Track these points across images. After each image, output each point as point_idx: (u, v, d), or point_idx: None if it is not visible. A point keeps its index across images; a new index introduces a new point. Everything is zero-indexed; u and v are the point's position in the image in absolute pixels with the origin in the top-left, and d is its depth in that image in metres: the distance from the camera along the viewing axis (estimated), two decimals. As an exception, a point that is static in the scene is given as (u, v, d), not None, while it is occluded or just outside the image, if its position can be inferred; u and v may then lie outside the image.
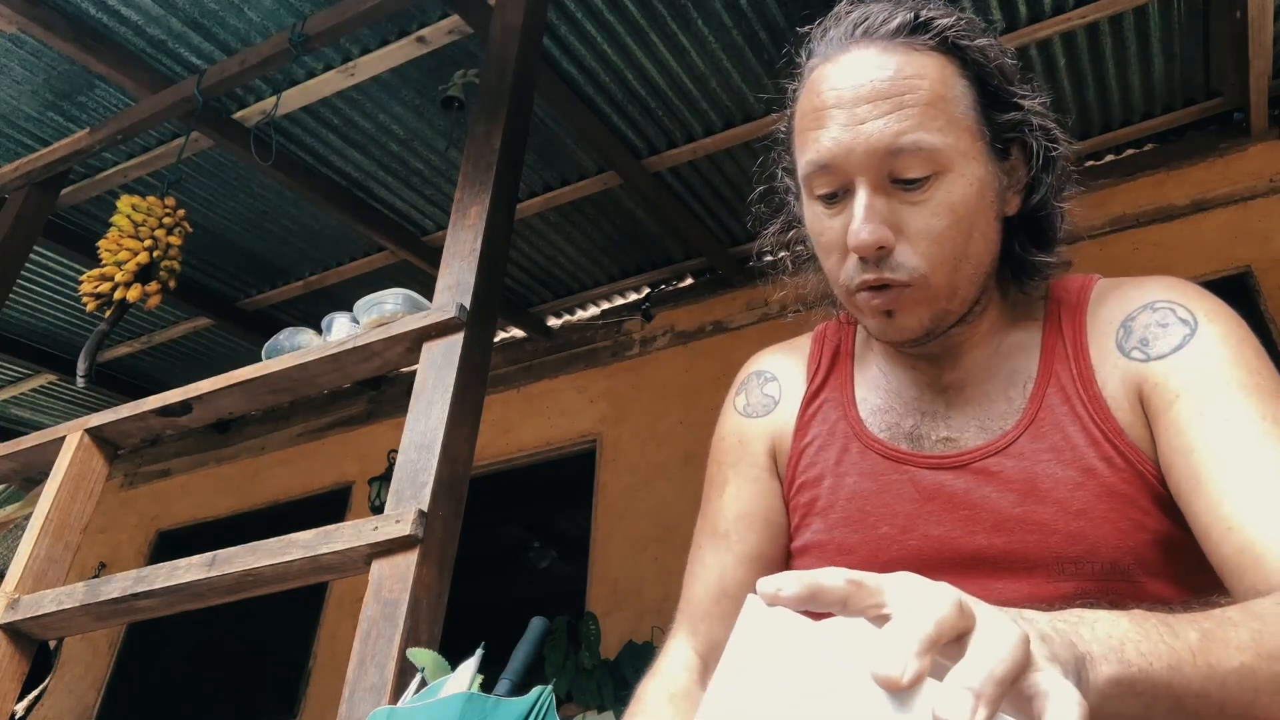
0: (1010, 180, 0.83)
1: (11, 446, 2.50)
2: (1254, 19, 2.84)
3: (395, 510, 1.71)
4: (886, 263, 0.77)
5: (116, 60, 2.97)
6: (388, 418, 4.83)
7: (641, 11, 2.93)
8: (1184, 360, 0.76)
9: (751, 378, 1.00)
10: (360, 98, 3.27)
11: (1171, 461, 0.74)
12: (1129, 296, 0.83)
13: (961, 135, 0.77)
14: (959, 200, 0.77)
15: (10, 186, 3.39)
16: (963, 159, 0.77)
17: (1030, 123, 0.82)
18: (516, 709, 1.20)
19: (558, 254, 4.17)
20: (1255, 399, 0.72)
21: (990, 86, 0.80)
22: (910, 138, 0.75)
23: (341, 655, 3.63)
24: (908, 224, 0.76)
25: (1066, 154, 0.85)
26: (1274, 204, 3.31)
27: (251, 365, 2.20)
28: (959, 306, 0.81)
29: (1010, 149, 0.82)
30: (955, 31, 0.79)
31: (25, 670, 2.09)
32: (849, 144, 0.76)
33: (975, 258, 0.80)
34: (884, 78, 0.76)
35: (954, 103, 0.77)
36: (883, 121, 0.75)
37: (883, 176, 0.76)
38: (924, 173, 0.75)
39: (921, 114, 0.75)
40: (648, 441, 3.94)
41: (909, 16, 0.78)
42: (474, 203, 2.17)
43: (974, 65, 0.79)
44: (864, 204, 0.76)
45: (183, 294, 3.92)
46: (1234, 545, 0.67)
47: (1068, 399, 0.81)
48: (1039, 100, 0.83)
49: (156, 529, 5.35)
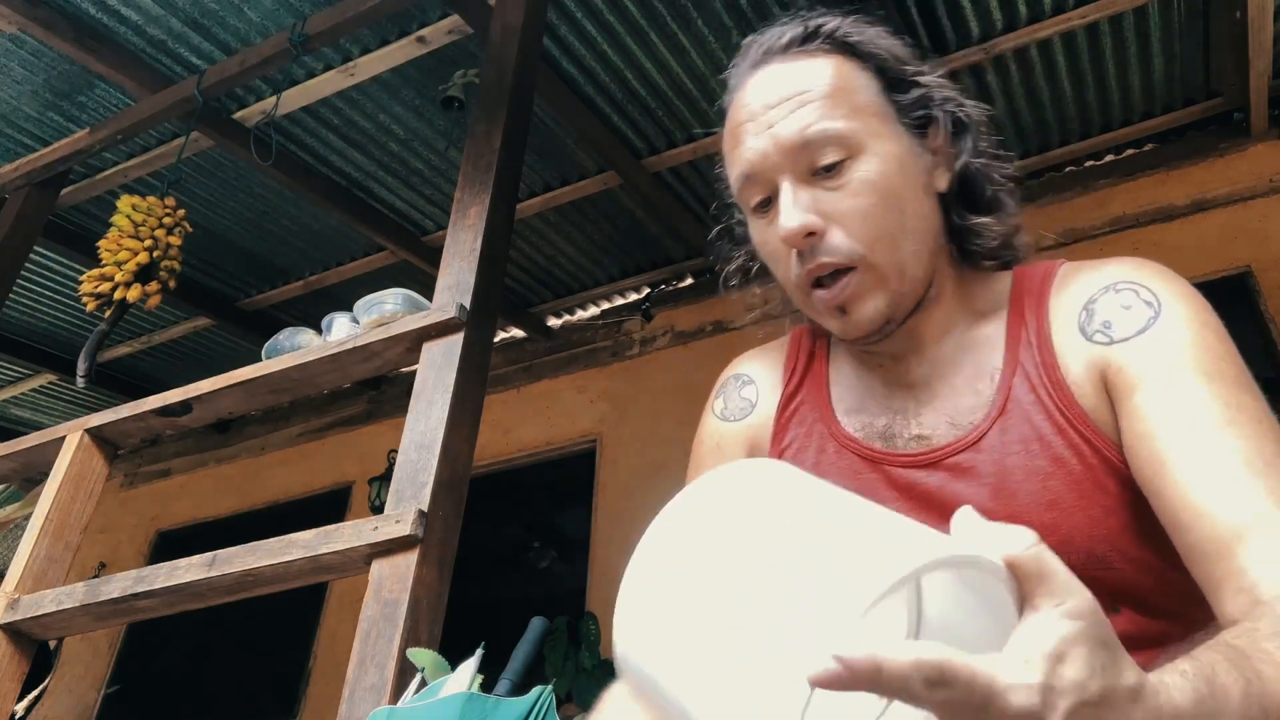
0: (937, 158, 0.85)
1: (11, 446, 2.50)
2: (1254, 19, 2.84)
3: (395, 510, 1.71)
4: (822, 247, 0.80)
5: (116, 60, 2.97)
6: (388, 418, 4.83)
7: (641, 11, 2.93)
8: (1147, 344, 0.76)
9: (729, 381, 1.01)
10: (360, 98, 3.27)
11: (1135, 447, 0.73)
12: (1090, 278, 0.83)
13: (868, 119, 0.81)
14: (878, 176, 0.80)
15: (10, 186, 3.39)
16: (874, 139, 0.80)
17: (933, 96, 0.85)
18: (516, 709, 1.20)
19: (558, 254, 4.17)
20: (1219, 385, 0.72)
21: (888, 71, 0.84)
22: (816, 127, 0.79)
23: (341, 655, 3.63)
24: (835, 208, 0.79)
25: (976, 115, 0.88)
26: (1274, 204, 3.31)
27: (251, 365, 2.21)
28: (910, 287, 0.82)
29: (927, 128, 0.85)
30: (843, 31, 0.85)
31: (25, 670, 2.09)
32: (764, 149, 0.81)
33: (914, 234, 0.81)
34: (785, 84, 0.82)
35: (855, 91, 0.82)
36: (789, 120, 0.80)
37: (802, 170, 0.80)
38: (838, 157, 0.79)
39: (823, 105, 0.80)
40: (648, 441, 3.94)
41: (799, 30, 0.85)
42: (474, 203, 2.17)
43: (869, 56, 0.84)
44: (788, 197, 0.80)
45: (183, 294, 3.92)
46: (1202, 534, 0.67)
47: (1033, 388, 0.80)
48: (937, 75, 0.88)
49: (156, 529, 5.35)
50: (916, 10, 2.97)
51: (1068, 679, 0.41)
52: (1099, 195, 3.61)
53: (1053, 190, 3.68)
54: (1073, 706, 0.40)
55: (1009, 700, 0.39)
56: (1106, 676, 0.42)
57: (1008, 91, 3.32)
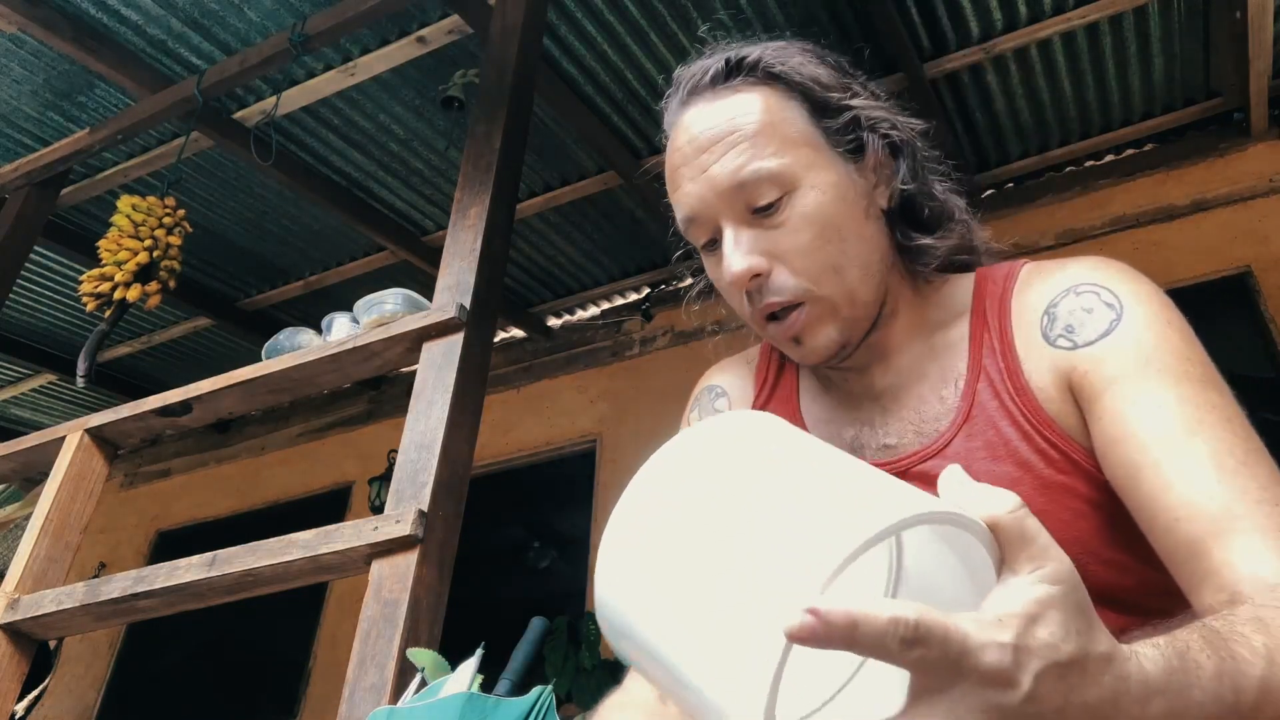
0: (877, 177, 0.85)
1: (11, 446, 2.50)
2: (1254, 19, 2.84)
3: (395, 510, 1.71)
4: (768, 287, 0.80)
5: (116, 60, 2.97)
6: (388, 418, 4.83)
7: (641, 11, 2.93)
8: (1111, 347, 0.75)
9: (704, 393, 1.02)
10: (360, 98, 3.27)
11: (1106, 451, 0.73)
12: (1052, 280, 0.82)
13: (800, 151, 0.80)
14: (814, 210, 0.79)
15: (10, 186, 3.39)
16: (808, 171, 0.80)
17: (862, 119, 0.84)
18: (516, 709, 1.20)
19: (558, 254, 4.17)
20: (1186, 385, 0.72)
21: (815, 99, 0.83)
22: (749, 169, 0.78)
23: (341, 655, 3.63)
24: (776, 247, 0.79)
25: (909, 134, 0.86)
26: (1274, 204, 3.31)
27: (251, 365, 2.20)
28: (863, 312, 0.82)
29: (863, 150, 0.84)
30: (765, 62, 0.83)
31: (25, 670, 2.09)
32: (700, 194, 0.81)
33: (858, 260, 0.81)
34: (713, 124, 0.81)
35: (784, 124, 0.81)
36: (721, 163, 0.79)
37: (741, 211, 0.80)
38: (774, 196, 0.79)
39: (753, 144, 0.79)
40: (648, 441, 3.88)
41: (721, 65, 0.84)
42: (474, 203, 2.17)
43: (795, 85, 0.83)
44: (730, 241, 0.80)
45: (183, 294, 3.92)
46: (1179, 535, 0.67)
47: (997, 394, 0.80)
48: (865, 96, 0.86)
49: (156, 529, 5.35)
50: (916, 10, 2.97)
51: (1040, 640, 0.41)
52: (1099, 195, 3.61)
53: (1053, 190, 3.68)
54: (1043, 668, 0.41)
55: (981, 658, 0.39)
56: (1080, 641, 0.42)
57: (1008, 91, 3.32)
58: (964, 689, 0.40)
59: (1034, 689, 0.40)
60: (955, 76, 3.24)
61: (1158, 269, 3.22)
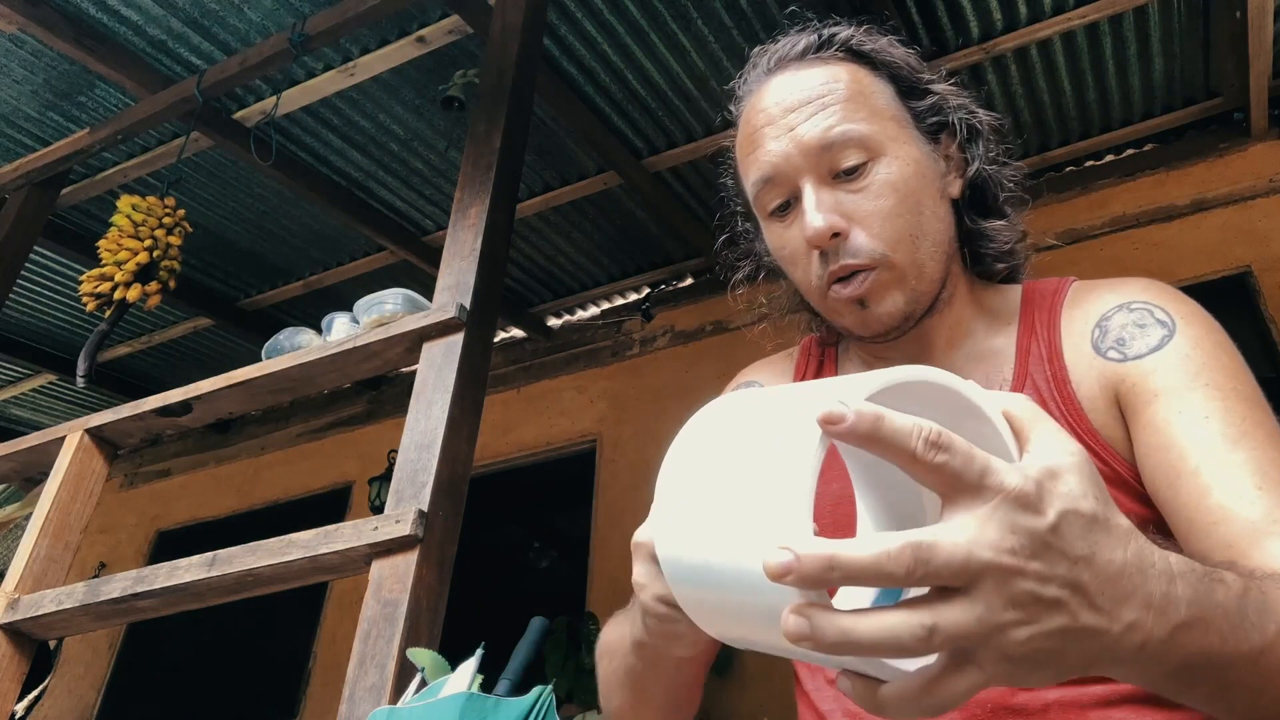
0: (949, 165, 0.87)
1: (11, 446, 2.50)
2: (1254, 19, 2.84)
3: (395, 510, 1.71)
4: (845, 249, 0.81)
5: (116, 60, 2.97)
6: (388, 418, 4.83)
7: (641, 11, 2.93)
8: (1162, 361, 0.77)
9: (740, 389, 1.02)
10: (360, 98, 3.27)
11: (1148, 458, 0.74)
12: (1104, 297, 0.84)
13: (887, 123, 0.83)
14: (899, 179, 0.81)
15: (10, 186, 3.39)
16: (893, 143, 0.82)
17: (947, 102, 0.88)
18: (516, 709, 1.20)
19: (558, 254, 4.17)
20: (1233, 401, 0.73)
21: (902, 79, 0.87)
22: (839, 129, 0.80)
23: (341, 655, 3.63)
24: (857, 210, 0.81)
25: (988, 122, 0.90)
26: (1274, 204, 3.31)
27: (251, 365, 2.20)
28: (928, 286, 0.83)
29: (940, 135, 0.87)
30: (857, 40, 0.87)
31: (25, 670, 2.09)
32: (785, 151, 0.82)
33: (931, 235, 0.83)
34: (804, 88, 0.83)
35: (873, 96, 0.84)
36: (811, 122, 0.81)
37: (824, 172, 0.81)
38: (860, 159, 0.81)
39: (844, 108, 0.81)
40: (648, 441, 3.94)
41: (813, 38, 0.87)
42: (474, 203, 2.17)
43: (883, 64, 0.86)
44: (812, 199, 0.81)
45: (183, 294, 3.93)
46: (1218, 540, 0.67)
47: (1043, 401, 0.81)
48: (949, 82, 0.90)
49: (156, 529, 5.35)
50: (916, 10, 2.97)
51: (1061, 489, 0.42)
52: (1099, 195, 3.61)
53: (1053, 190, 3.68)
54: (1066, 509, 0.42)
55: (1005, 479, 0.41)
56: (1100, 505, 0.44)
57: (1008, 91, 3.32)
58: (992, 506, 0.40)
59: (1058, 523, 0.41)
60: (955, 76, 3.24)
61: (1158, 269, 3.23)
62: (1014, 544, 0.40)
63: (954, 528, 0.40)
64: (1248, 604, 0.50)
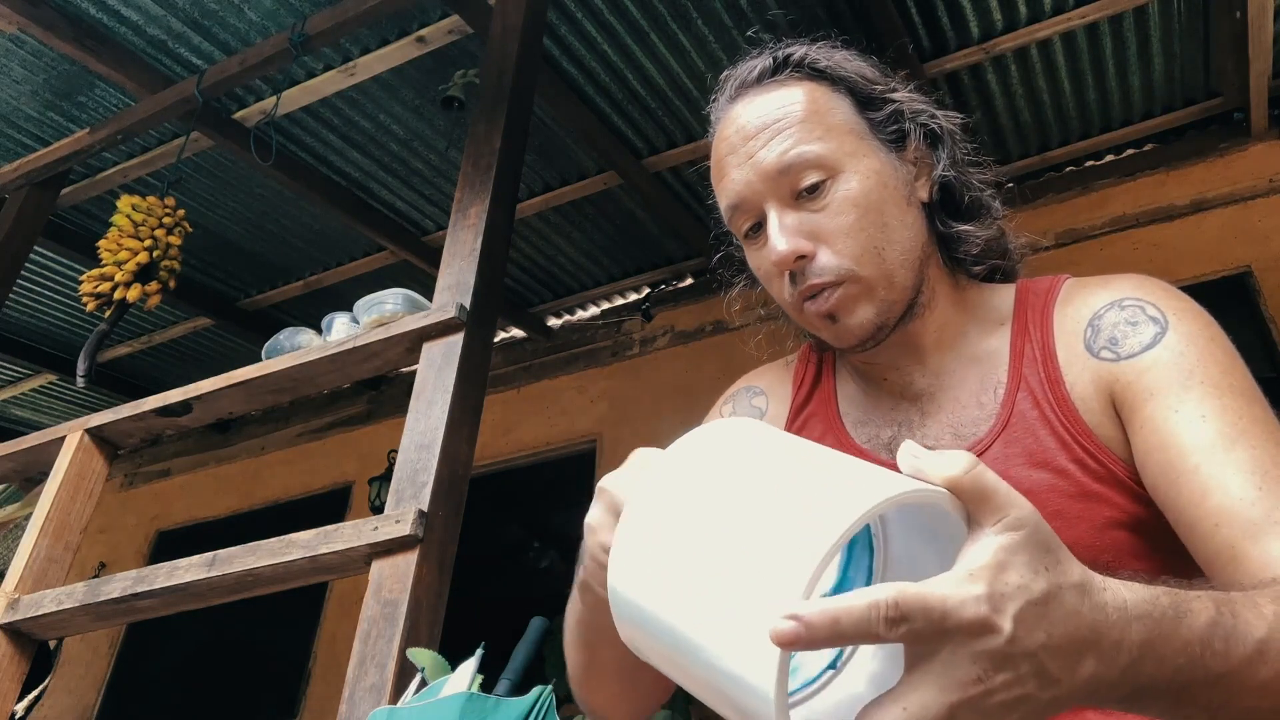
0: (917, 170, 0.88)
1: (11, 446, 2.50)
2: (1254, 19, 2.84)
3: (395, 510, 1.71)
4: (811, 269, 0.82)
5: (116, 60, 2.97)
6: (388, 418, 4.83)
7: (641, 11, 2.93)
8: (1155, 358, 0.76)
9: (740, 392, 1.02)
10: (360, 98, 3.27)
11: (1147, 459, 0.74)
12: (1095, 295, 0.84)
13: (844, 138, 0.84)
14: (859, 194, 0.82)
15: (10, 186, 3.39)
16: (850, 158, 0.83)
17: (904, 111, 0.88)
18: (516, 709, 1.20)
19: (558, 254, 4.17)
20: (1229, 398, 0.73)
21: (859, 91, 0.87)
22: (794, 152, 0.82)
23: (341, 655, 3.63)
24: (821, 229, 0.82)
25: (950, 125, 0.90)
26: (1274, 204, 3.31)
27: (251, 365, 2.20)
28: (900, 294, 0.84)
29: (905, 141, 0.87)
30: (811, 58, 0.88)
31: (25, 670, 2.09)
32: (747, 179, 0.84)
33: (899, 243, 0.83)
34: (760, 114, 0.85)
35: (829, 113, 0.85)
36: (768, 148, 0.83)
37: (785, 194, 0.83)
38: (818, 178, 0.82)
39: (800, 130, 0.83)
40: (648, 441, 3.90)
41: (768, 62, 0.88)
42: (474, 203, 2.17)
43: (839, 79, 0.87)
44: (775, 224, 0.82)
45: (183, 294, 3.92)
46: (1221, 540, 0.67)
47: (1037, 403, 0.81)
48: (907, 90, 0.90)
49: (156, 529, 5.35)
50: (916, 10, 2.97)
51: (1012, 584, 0.43)
52: (1099, 195, 3.61)
53: (1053, 190, 3.68)
54: (1021, 608, 0.42)
55: (962, 615, 0.41)
56: (1050, 577, 0.44)
57: (1008, 91, 3.32)
58: (953, 646, 0.42)
59: (1015, 630, 0.42)
60: (955, 76, 3.24)
61: (1158, 269, 3.22)
62: (978, 673, 0.42)
63: (919, 681, 0.42)
64: (1214, 634, 0.50)
